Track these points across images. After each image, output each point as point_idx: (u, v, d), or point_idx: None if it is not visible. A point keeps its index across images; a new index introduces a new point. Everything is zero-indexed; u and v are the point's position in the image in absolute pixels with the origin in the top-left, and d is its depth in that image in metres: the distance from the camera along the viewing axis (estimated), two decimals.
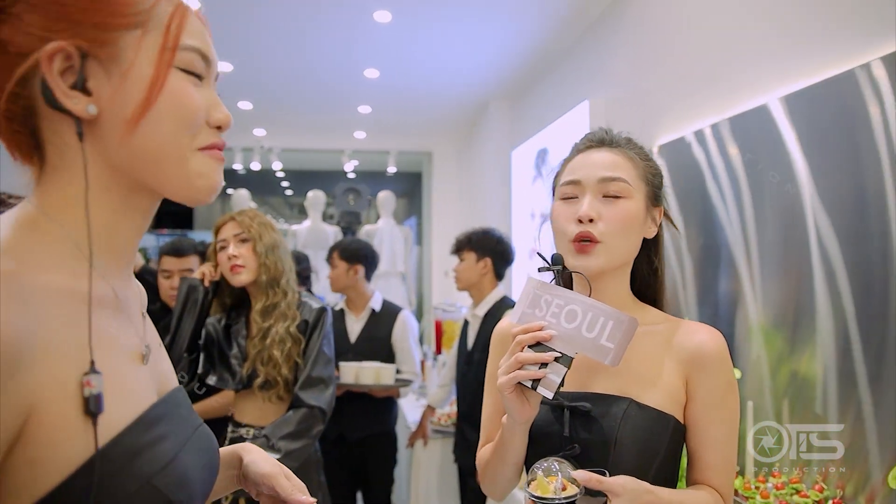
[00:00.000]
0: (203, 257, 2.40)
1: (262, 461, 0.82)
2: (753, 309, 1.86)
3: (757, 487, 1.47)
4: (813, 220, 1.63)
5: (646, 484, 0.90)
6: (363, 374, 2.79)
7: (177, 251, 2.45)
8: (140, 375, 0.64)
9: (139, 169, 0.62)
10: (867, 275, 1.48)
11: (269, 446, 1.71)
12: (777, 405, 1.73)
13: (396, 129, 6.10)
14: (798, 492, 1.45)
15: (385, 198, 5.69)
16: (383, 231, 5.52)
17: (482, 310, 2.70)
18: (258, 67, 4.26)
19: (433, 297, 6.29)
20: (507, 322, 1.15)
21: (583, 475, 0.88)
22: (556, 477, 0.89)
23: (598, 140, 1.08)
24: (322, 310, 1.93)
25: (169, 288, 2.42)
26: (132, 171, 0.62)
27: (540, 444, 1.00)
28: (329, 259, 3.06)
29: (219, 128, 0.65)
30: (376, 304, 3.04)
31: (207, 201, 0.66)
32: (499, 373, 0.94)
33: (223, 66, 0.74)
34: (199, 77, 0.64)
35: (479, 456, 1.15)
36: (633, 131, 1.13)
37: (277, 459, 1.65)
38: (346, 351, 2.93)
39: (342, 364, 2.81)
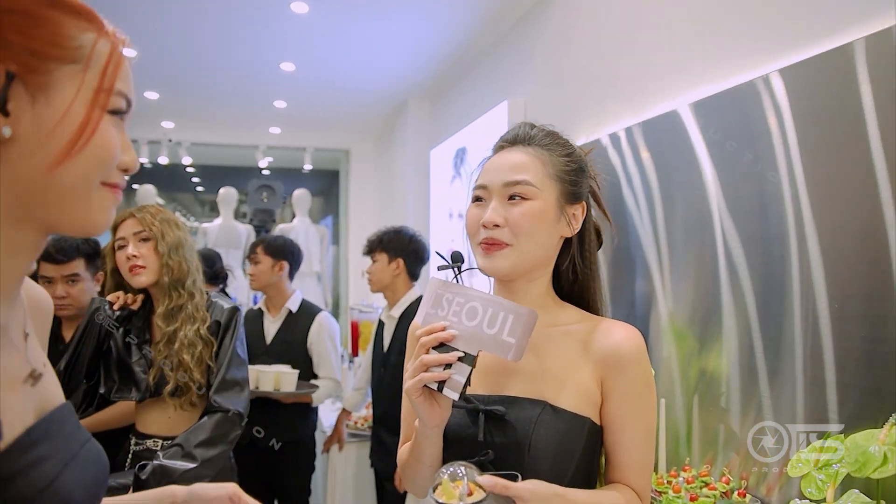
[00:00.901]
0: (89, 259, 2.10)
1: (210, 487, 0.85)
2: (664, 309, 1.93)
3: (669, 482, 1.52)
4: (719, 223, 1.71)
5: (556, 487, 0.89)
6: (263, 378, 2.64)
7: (55, 257, 2.03)
8: (14, 401, 0.60)
9: (40, 201, 0.59)
10: (767, 276, 1.56)
11: (185, 454, 1.60)
12: (688, 402, 1.80)
13: (313, 125, 5.96)
14: (707, 484, 1.51)
15: (300, 196, 5.55)
16: (298, 230, 5.38)
17: (397, 311, 2.65)
18: (165, 55, 4.03)
19: (350, 298, 6.20)
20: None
21: (488, 480, 0.85)
22: (461, 482, 0.87)
23: (512, 139, 1.07)
24: (234, 309, 1.84)
25: (52, 297, 2.18)
26: (32, 201, 0.59)
27: (455, 448, 0.98)
28: (251, 255, 2.91)
29: (125, 170, 0.66)
30: (293, 304, 2.92)
31: (98, 234, 0.66)
32: (405, 377, 0.92)
33: (127, 52, 0.67)
34: (121, 118, 0.65)
35: (399, 454, 1.13)
36: None
37: (194, 468, 1.56)
38: (262, 353, 2.80)
39: None
